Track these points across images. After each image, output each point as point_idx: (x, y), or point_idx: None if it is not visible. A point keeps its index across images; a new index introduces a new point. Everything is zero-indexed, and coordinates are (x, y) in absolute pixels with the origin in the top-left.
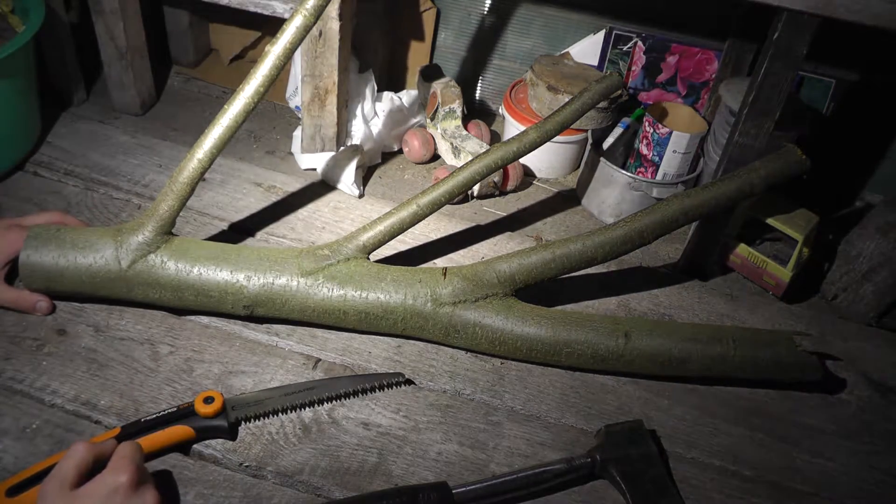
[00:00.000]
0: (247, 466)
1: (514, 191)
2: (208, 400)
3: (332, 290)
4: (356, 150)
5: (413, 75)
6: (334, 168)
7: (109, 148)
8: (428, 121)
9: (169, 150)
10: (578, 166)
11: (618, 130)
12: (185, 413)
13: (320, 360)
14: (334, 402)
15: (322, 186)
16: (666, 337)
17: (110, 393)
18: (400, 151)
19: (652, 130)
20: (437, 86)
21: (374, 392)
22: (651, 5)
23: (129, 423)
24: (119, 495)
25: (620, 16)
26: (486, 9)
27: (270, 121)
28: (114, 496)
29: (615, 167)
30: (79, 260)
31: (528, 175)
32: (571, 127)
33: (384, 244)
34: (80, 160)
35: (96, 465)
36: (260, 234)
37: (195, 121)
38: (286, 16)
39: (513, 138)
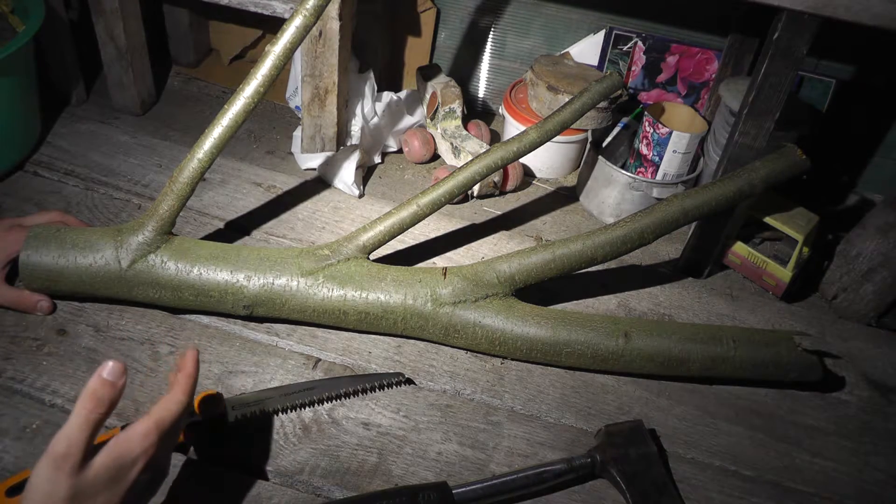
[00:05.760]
0: (247, 466)
1: (514, 191)
2: (208, 400)
3: (332, 290)
4: (356, 150)
5: (413, 75)
6: (334, 168)
7: (109, 148)
8: (428, 121)
9: (169, 150)
10: (578, 166)
11: (617, 130)
12: None
13: (320, 360)
14: (334, 402)
15: (322, 186)
16: (666, 337)
17: None
18: (400, 151)
19: (652, 130)
20: (436, 86)
21: (374, 392)
22: (651, 3)
23: (129, 423)
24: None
25: (620, 12)
26: (486, 9)
27: (270, 121)
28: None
29: (615, 167)
30: (79, 260)
31: (527, 175)
32: (571, 127)
33: (384, 244)
34: (80, 160)
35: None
36: (260, 234)
37: (195, 121)
38: (286, 16)
39: (513, 138)
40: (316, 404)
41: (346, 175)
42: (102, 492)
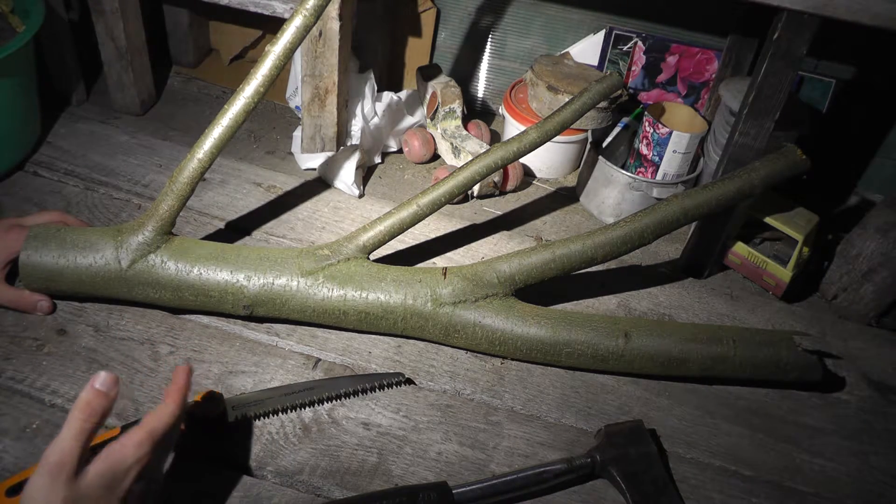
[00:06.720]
0: (247, 466)
1: (514, 191)
2: (208, 400)
3: (332, 290)
4: (356, 150)
5: (413, 75)
6: (334, 168)
7: (109, 148)
8: (428, 121)
9: (169, 150)
10: (578, 166)
11: (618, 130)
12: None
13: (320, 360)
14: (334, 402)
15: (322, 186)
16: (666, 337)
17: None
18: (400, 151)
19: (652, 130)
20: (437, 86)
21: (374, 392)
22: (651, 3)
23: (129, 423)
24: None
25: (620, 12)
26: (486, 9)
27: (270, 121)
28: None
29: (615, 167)
30: (79, 260)
31: (527, 175)
32: (571, 127)
33: (384, 244)
34: (80, 160)
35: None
36: (260, 234)
37: (195, 121)
38: (286, 16)
39: (513, 138)
40: (316, 404)
41: (346, 175)
42: (98, 500)
